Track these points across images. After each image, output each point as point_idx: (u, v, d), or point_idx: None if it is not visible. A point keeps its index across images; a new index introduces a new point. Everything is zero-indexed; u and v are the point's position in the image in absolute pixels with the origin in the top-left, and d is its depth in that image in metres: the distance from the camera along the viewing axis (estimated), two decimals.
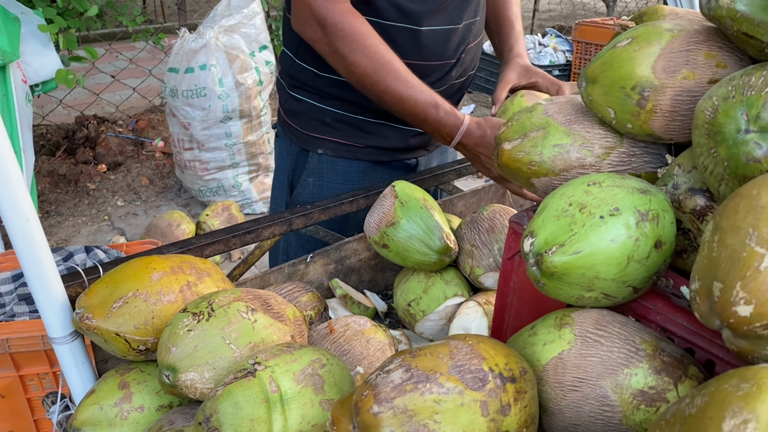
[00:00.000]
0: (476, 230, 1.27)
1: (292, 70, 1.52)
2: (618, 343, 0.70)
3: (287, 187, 1.61)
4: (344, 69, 1.30)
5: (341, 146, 1.52)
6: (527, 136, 0.87)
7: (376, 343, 1.15)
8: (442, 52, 1.42)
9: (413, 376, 0.63)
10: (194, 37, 3.50)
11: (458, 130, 1.33)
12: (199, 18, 5.49)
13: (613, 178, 0.75)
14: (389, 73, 1.28)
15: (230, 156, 3.77)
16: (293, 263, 1.34)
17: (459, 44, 1.46)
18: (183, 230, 3.36)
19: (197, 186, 3.87)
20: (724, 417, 0.45)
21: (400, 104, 1.30)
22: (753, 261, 0.52)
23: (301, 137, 1.55)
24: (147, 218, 3.88)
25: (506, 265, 0.95)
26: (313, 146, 1.53)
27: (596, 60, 0.82)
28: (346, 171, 1.53)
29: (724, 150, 0.66)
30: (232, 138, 3.71)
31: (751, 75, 0.66)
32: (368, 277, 1.48)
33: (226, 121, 3.64)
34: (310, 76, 1.47)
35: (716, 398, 0.47)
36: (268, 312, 0.98)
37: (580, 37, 5.14)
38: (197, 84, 3.50)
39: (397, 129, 1.51)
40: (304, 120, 1.53)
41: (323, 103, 1.50)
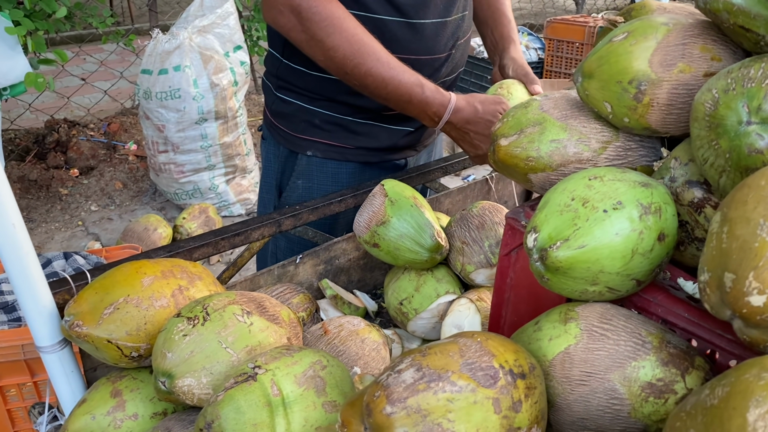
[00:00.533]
0: (466, 227, 1.27)
1: (279, 71, 1.50)
2: (624, 336, 0.70)
3: (275, 189, 1.59)
4: (323, 55, 1.26)
5: (331, 148, 1.50)
6: (524, 132, 0.87)
7: (371, 343, 1.14)
8: (433, 47, 1.41)
9: (425, 375, 0.62)
10: (167, 38, 3.45)
11: (446, 108, 1.30)
12: (170, 19, 5.42)
13: (613, 172, 0.75)
14: (370, 55, 1.25)
15: (206, 158, 3.73)
16: (282, 265, 1.33)
17: (449, 39, 1.45)
18: (160, 234, 3.31)
19: (173, 189, 3.82)
20: (748, 407, 0.45)
21: (383, 87, 1.27)
22: (765, 251, 0.53)
23: (290, 139, 1.53)
24: (122, 223, 3.81)
25: (503, 261, 0.95)
26: (302, 148, 1.51)
27: (592, 55, 0.82)
28: (335, 172, 1.52)
29: (725, 142, 0.66)
30: (207, 140, 3.66)
31: (750, 67, 0.67)
32: (357, 277, 1.47)
33: (202, 123, 3.59)
34: (299, 76, 1.45)
35: (738, 388, 0.47)
36: (263, 315, 0.97)
37: (551, 34, 5.19)
38: (171, 85, 3.45)
39: (386, 129, 1.50)
40: (292, 122, 1.51)
41: (312, 105, 1.48)
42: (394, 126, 1.50)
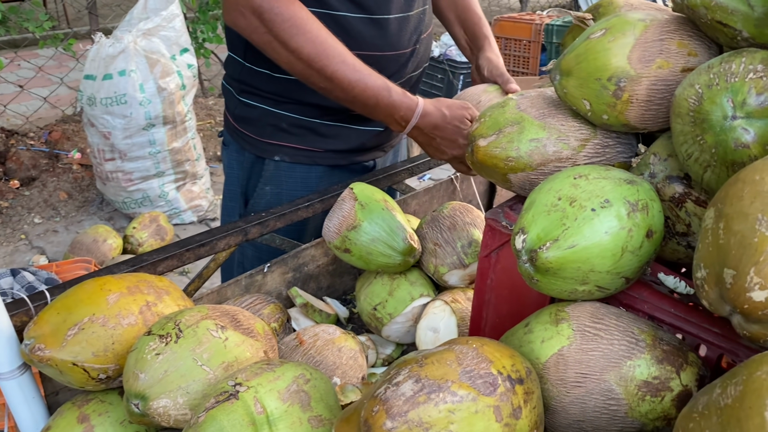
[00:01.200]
0: (438, 229, 1.25)
1: (241, 75, 1.45)
2: (618, 336, 0.70)
3: (241, 197, 1.54)
4: (286, 57, 1.22)
5: (299, 152, 1.46)
6: (502, 132, 0.86)
7: (348, 351, 1.11)
8: (397, 42, 1.39)
9: (425, 387, 0.60)
10: (111, 42, 3.33)
11: (413, 112, 1.27)
12: (111, 22, 5.24)
13: (598, 170, 0.75)
14: (335, 57, 1.21)
15: (155, 165, 3.62)
16: (250, 274, 1.29)
17: (413, 33, 1.43)
18: (110, 245, 3.19)
19: (121, 198, 3.69)
20: (765, 405, 0.45)
21: (350, 89, 1.24)
22: (765, 246, 0.53)
23: (256, 144, 1.48)
24: (69, 235, 3.66)
25: (483, 263, 0.94)
26: (269, 153, 1.47)
27: (570, 52, 0.81)
28: (304, 177, 1.48)
29: (711, 137, 0.66)
30: (156, 146, 3.56)
31: (731, 62, 0.67)
32: (327, 284, 1.44)
33: (150, 129, 3.48)
34: (263, 79, 1.41)
35: (752, 387, 0.47)
36: (238, 328, 0.93)
37: (499, 32, 5.25)
38: (117, 91, 3.33)
39: (355, 130, 1.47)
40: (257, 126, 1.46)
41: (278, 108, 1.43)
42: (363, 126, 1.48)
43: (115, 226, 3.76)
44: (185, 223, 3.85)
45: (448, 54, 5.13)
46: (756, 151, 0.64)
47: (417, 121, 1.28)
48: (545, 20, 4.98)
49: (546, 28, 4.88)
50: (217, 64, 5.31)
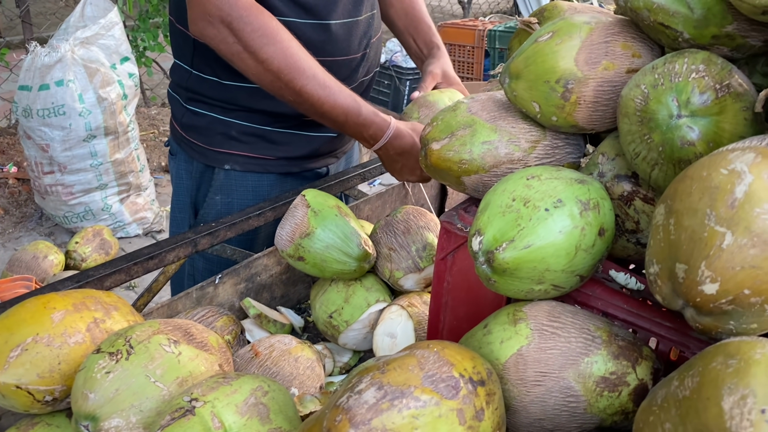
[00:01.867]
0: (392, 233, 1.25)
1: (189, 82, 1.42)
2: (575, 333, 0.71)
3: (190, 207, 1.50)
4: (255, 68, 1.20)
5: (250, 160, 1.44)
6: (455, 135, 0.86)
7: (305, 360, 1.10)
8: (347, 47, 1.38)
9: (387, 393, 0.59)
10: (47, 51, 3.22)
11: (384, 132, 1.27)
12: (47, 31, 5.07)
13: (550, 171, 0.76)
14: (305, 71, 1.20)
15: (97, 177, 3.51)
16: (201, 287, 1.26)
17: (363, 38, 1.43)
18: (51, 261, 3.07)
19: (62, 212, 3.56)
20: (722, 395, 0.46)
21: (318, 105, 1.23)
22: (715, 240, 0.54)
23: (205, 153, 1.44)
24: (6, 252, 3.51)
25: (439, 265, 0.94)
26: (219, 162, 1.44)
27: (519, 55, 0.82)
28: (256, 185, 1.45)
29: (658, 135, 0.68)
30: (97, 157, 3.45)
31: (674, 63, 0.69)
32: (280, 293, 1.42)
33: (90, 140, 3.38)
34: (212, 86, 1.38)
35: (708, 378, 0.48)
36: (191, 342, 0.91)
37: (444, 38, 5.27)
38: (54, 102, 3.22)
39: (307, 136, 1.46)
40: (206, 135, 1.43)
41: (227, 116, 1.41)
42: (315, 132, 1.46)
43: (56, 242, 3.63)
44: (130, 236, 3.75)
45: (394, 60, 5.16)
46: (701, 149, 0.66)
47: (386, 143, 1.29)
48: (488, 26, 5.06)
49: (489, 33, 4.97)
50: (159, 72, 5.20)
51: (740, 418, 0.44)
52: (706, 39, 0.72)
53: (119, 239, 3.64)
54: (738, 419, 0.44)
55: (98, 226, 3.43)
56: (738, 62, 0.76)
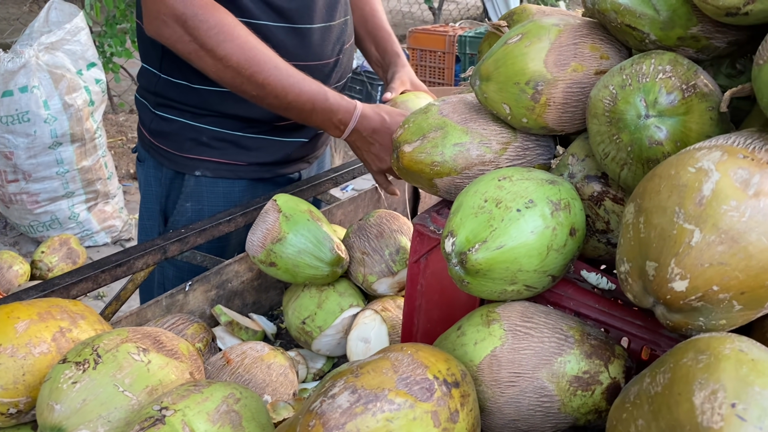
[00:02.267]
0: (365, 237, 1.24)
1: (157, 87, 1.39)
2: (548, 333, 0.71)
3: (160, 215, 1.47)
4: (214, 66, 1.18)
5: (221, 166, 1.42)
6: (426, 137, 0.86)
7: (278, 367, 1.09)
8: (321, 52, 1.38)
9: (361, 397, 0.58)
10: (10, 56, 3.15)
11: (352, 114, 1.25)
12: (10, 36, 4.96)
13: (521, 172, 0.76)
14: (266, 63, 1.18)
15: (63, 185, 3.44)
16: (171, 294, 1.24)
17: (336, 43, 1.42)
18: (16, 272, 3.00)
19: (27, 221, 3.48)
20: (693, 391, 0.46)
21: (283, 96, 1.20)
22: (684, 237, 0.55)
23: (175, 159, 1.42)
24: None
25: (412, 268, 0.94)
26: (190, 168, 1.42)
27: (489, 57, 0.83)
28: (227, 192, 1.43)
29: (626, 135, 0.69)
30: (64, 165, 3.38)
31: (641, 63, 0.70)
32: (252, 300, 1.40)
33: (56, 147, 3.31)
34: (182, 91, 1.36)
35: (679, 374, 0.48)
36: (161, 350, 0.89)
37: (414, 44, 5.33)
38: (18, 108, 3.15)
39: (279, 141, 1.44)
40: (176, 141, 1.40)
41: (198, 121, 1.38)
42: (287, 138, 1.45)
43: (21, 252, 3.54)
44: (98, 245, 3.68)
45: (365, 66, 5.16)
46: (669, 148, 0.67)
47: (356, 125, 1.26)
48: (458, 32, 5.10)
49: (459, 39, 5.00)
50: (127, 79, 5.13)
51: (711, 412, 0.45)
52: (672, 40, 0.73)
53: (87, 248, 3.56)
54: (709, 414, 0.45)
55: (65, 235, 3.35)
56: (703, 64, 0.78)
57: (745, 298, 0.54)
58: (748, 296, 0.54)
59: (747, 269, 0.53)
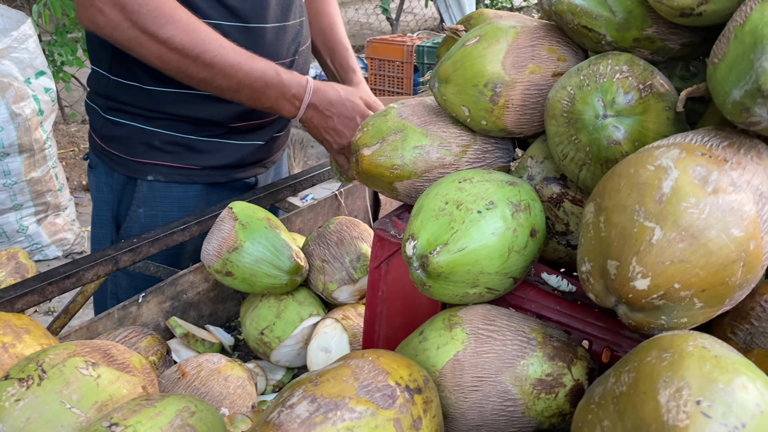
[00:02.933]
0: (325, 244, 1.22)
1: (107, 90, 1.35)
2: (510, 336, 0.70)
3: (112, 223, 1.43)
4: (157, 51, 1.13)
5: (175, 170, 1.38)
6: (386, 141, 0.85)
7: (235, 379, 1.05)
8: (275, 52, 1.35)
9: (321, 406, 0.56)
10: None
11: (305, 88, 1.21)
12: None
13: (481, 174, 0.75)
14: (212, 42, 1.14)
15: (11, 197, 3.32)
16: (123, 306, 1.19)
17: (291, 44, 1.41)
18: None
19: None
20: (657, 389, 0.46)
21: (233, 74, 1.16)
22: (644, 235, 0.54)
23: (126, 164, 1.38)
24: None
25: (373, 274, 0.92)
26: (142, 173, 1.37)
27: (447, 60, 0.82)
28: (181, 197, 1.39)
29: (585, 136, 0.69)
30: (11, 176, 3.27)
31: (598, 64, 0.70)
32: (208, 311, 1.37)
33: (3, 158, 3.20)
34: (132, 92, 1.31)
35: (643, 372, 0.48)
36: (111, 364, 0.85)
37: (372, 54, 5.34)
38: None
39: (234, 144, 1.41)
40: (128, 145, 1.36)
41: (150, 125, 1.34)
42: (242, 141, 1.42)
43: None
44: (49, 258, 3.56)
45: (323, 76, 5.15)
46: (627, 148, 0.67)
47: (311, 98, 1.23)
48: (416, 42, 5.13)
49: (417, 49, 5.03)
50: (79, 89, 5.01)
51: (676, 410, 0.44)
52: (627, 42, 0.74)
53: (37, 262, 3.44)
54: (674, 412, 0.44)
55: (13, 249, 3.21)
56: (658, 66, 0.78)
57: (706, 295, 0.54)
58: (708, 293, 0.54)
59: (707, 266, 0.53)
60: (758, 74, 0.53)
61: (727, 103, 0.57)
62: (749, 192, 0.54)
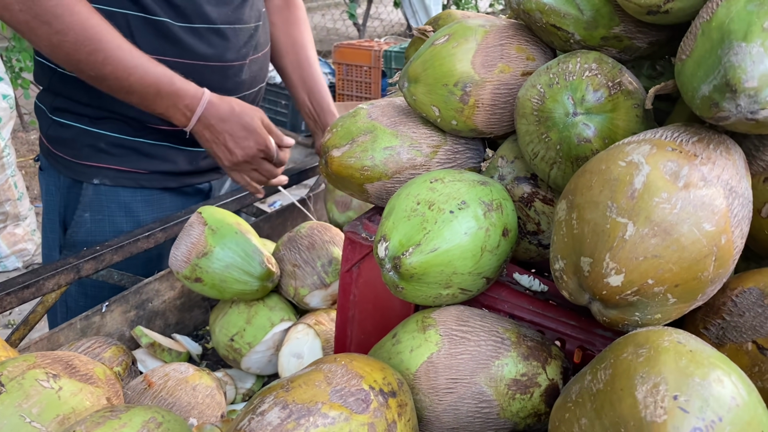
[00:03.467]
0: (296, 249, 1.20)
1: (52, 83, 1.32)
2: (484, 336, 0.69)
3: (60, 226, 1.39)
4: (48, 40, 1.09)
5: (121, 174, 1.34)
6: (355, 142, 0.84)
7: (204, 388, 1.03)
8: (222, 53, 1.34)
9: (293, 412, 0.55)
10: None
11: (199, 100, 1.19)
12: None
13: (452, 174, 0.75)
14: (109, 42, 1.11)
15: None
16: (86, 316, 1.16)
17: (242, 47, 1.39)
18: None
19: None
20: (635, 385, 0.45)
21: (125, 77, 1.13)
22: (617, 231, 0.54)
23: (72, 167, 1.34)
24: None
25: (344, 278, 0.90)
26: (88, 176, 1.34)
27: (416, 59, 0.81)
28: (128, 201, 1.36)
29: (555, 134, 0.68)
30: None
31: (568, 62, 0.70)
32: (175, 320, 1.33)
33: None
34: (74, 86, 1.26)
35: (620, 369, 0.47)
36: (74, 375, 0.82)
37: (340, 59, 5.33)
38: None
39: (184, 151, 1.38)
40: (73, 147, 1.33)
41: (95, 126, 1.31)
42: (192, 148, 1.39)
43: None
44: (8, 270, 3.46)
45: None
46: (597, 145, 0.67)
47: (203, 111, 1.21)
48: (383, 47, 5.14)
49: (384, 54, 5.04)
50: None
51: (654, 406, 0.44)
52: (595, 40, 0.74)
53: None
54: (652, 407, 0.44)
55: None
56: (626, 65, 0.79)
57: (679, 290, 0.54)
58: (681, 288, 0.54)
59: (680, 261, 0.53)
60: (726, 69, 0.53)
61: (696, 99, 0.57)
62: (720, 186, 0.55)
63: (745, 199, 0.57)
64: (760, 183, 0.63)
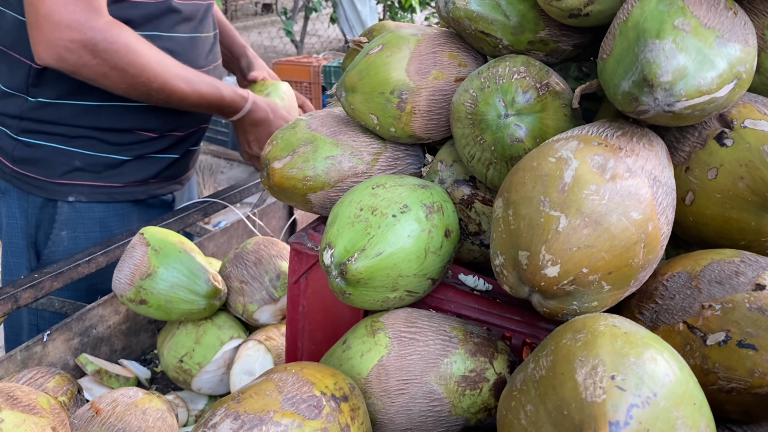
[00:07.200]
0: (243, 265, 1.19)
1: (22, 111, 1.33)
2: (432, 336, 0.71)
3: (29, 249, 1.38)
4: (125, 84, 1.23)
5: (96, 189, 1.38)
6: (296, 153, 0.84)
7: (154, 411, 1.00)
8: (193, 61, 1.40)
9: (245, 423, 0.55)
10: None
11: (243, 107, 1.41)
12: None
13: (393, 179, 0.76)
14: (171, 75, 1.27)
15: None
16: (26, 347, 1.12)
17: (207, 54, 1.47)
18: None
19: None
20: (574, 369, 0.47)
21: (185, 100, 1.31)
22: (551, 224, 0.56)
23: (44, 186, 1.35)
24: None
25: (292, 290, 0.91)
26: (62, 194, 1.35)
27: (352, 69, 0.83)
28: (103, 216, 1.39)
29: (489, 136, 0.71)
30: None
31: (498, 66, 0.72)
32: (121, 345, 1.30)
33: None
34: (51, 110, 1.32)
35: (560, 355, 0.49)
36: (15, 407, 0.79)
37: (279, 75, 5.31)
38: None
39: (151, 159, 1.43)
40: (45, 167, 1.35)
41: (69, 145, 1.34)
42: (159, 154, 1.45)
43: None
44: None
45: None
46: (529, 144, 0.69)
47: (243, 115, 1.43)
48: (322, 62, 5.15)
49: (324, 69, 5.05)
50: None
51: (594, 387, 0.46)
52: (523, 45, 0.77)
53: None
54: (592, 389, 0.46)
55: None
56: (553, 68, 0.82)
57: (613, 277, 0.56)
58: (615, 276, 0.56)
59: (611, 249, 0.55)
60: (643, 65, 0.56)
61: (618, 95, 0.60)
62: (644, 177, 0.58)
63: (669, 188, 0.61)
64: (682, 173, 0.67)
